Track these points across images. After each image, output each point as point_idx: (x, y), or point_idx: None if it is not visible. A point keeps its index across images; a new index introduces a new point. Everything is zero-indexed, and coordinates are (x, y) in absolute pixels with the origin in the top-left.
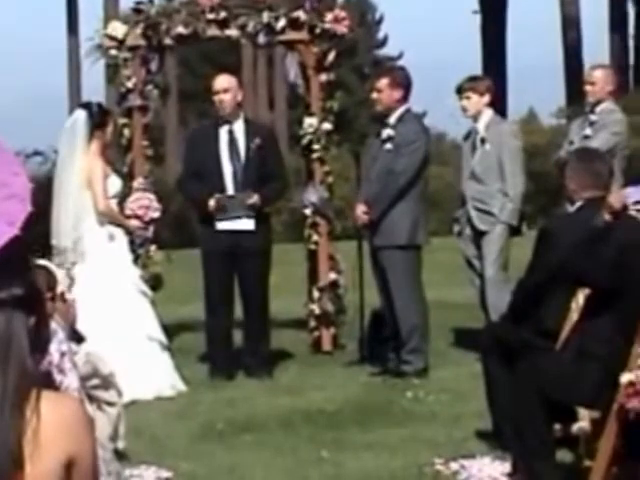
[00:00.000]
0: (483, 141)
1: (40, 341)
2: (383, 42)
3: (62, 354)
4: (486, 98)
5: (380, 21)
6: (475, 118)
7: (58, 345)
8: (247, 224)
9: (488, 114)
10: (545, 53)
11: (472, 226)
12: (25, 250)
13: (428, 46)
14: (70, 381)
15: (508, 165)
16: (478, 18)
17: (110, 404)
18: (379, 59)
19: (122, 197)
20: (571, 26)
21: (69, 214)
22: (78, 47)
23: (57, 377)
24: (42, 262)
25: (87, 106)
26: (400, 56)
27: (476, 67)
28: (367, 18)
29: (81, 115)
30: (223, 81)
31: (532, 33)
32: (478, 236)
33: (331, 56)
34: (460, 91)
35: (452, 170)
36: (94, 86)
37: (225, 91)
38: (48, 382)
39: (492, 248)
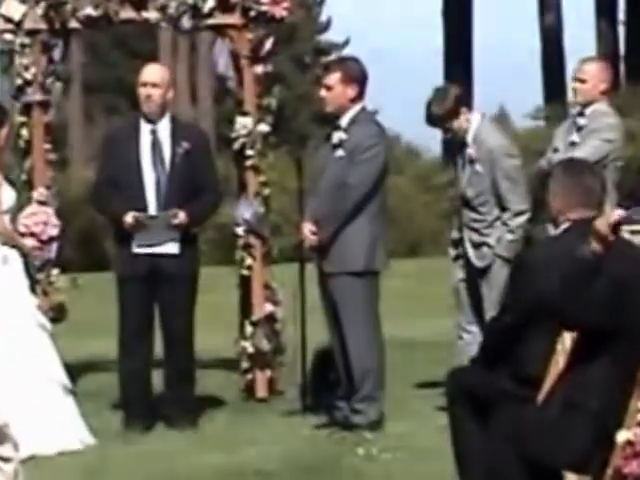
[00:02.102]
0: (472, 161)
1: None
2: (326, 26)
3: None
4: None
5: (322, 1)
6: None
7: None
8: (171, 247)
9: (475, 121)
10: (519, 40)
11: (468, 261)
12: None
13: (379, 31)
14: None
15: (504, 190)
16: None
17: (5, 460)
18: (321, 46)
19: (16, 211)
20: (550, 8)
21: None
22: None
23: None
24: None
25: None
26: (346, 43)
27: (435, 55)
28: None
29: None
30: (154, 73)
31: (503, 16)
32: (476, 271)
33: (268, 44)
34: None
35: (408, 180)
36: None
37: (155, 86)
38: None
39: (491, 290)
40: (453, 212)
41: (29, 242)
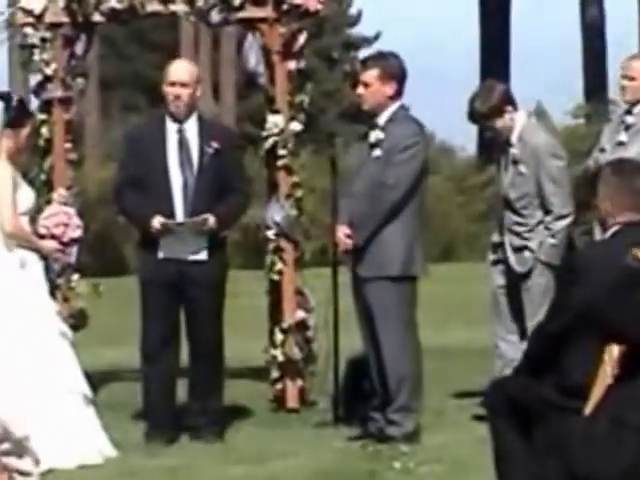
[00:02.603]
0: (516, 161)
1: None
2: (356, 19)
3: None
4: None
5: None
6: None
7: None
8: (198, 252)
9: (520, 120)
10: (558, 35)
11: (508, 266)
12: None
13: (412, 25)
14: None
15: (548, 193)
16: None
17: (25, 474)
18: (351, 41)
19: (35, 213)
20: (591, 2)
21: None
22: None
23: None
24: None
25: (5, 97)
26: (377, 37)
27: (472, 50)
28: None
29: None
30: (183, 72)
31: (542, 10)
32: (516, 277)
33: (301, 39)
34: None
35: (442, 179)
36: None
37: (184, 85)
38: None
39: (533, 296)
40: (493, 214)
41: (50, 244)
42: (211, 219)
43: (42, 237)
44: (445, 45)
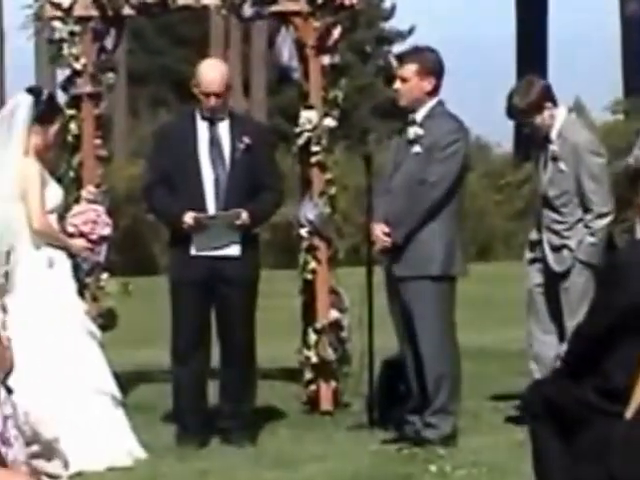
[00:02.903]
0: (555, 158)
1: None
2: (390, 13)
3: (5, 418)
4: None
5: None
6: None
7: (0, 407)
8: (231, 248)
9: (560, 117)
10: (597, 28)
11: (546, 265)
12: None
13: (446, 18)
14: (16, 453)
15: (588, 190)
16: None
17: (54, 477)
18: (385, 35)
19: (64, 211)
20: None
21: None
22: (0, 14)
23: (1, 448)
24: None
25: (34, 92)
26: (411, 31)
27: (508, 44)
28: None
29: (24, 101)
30: (217, 81)
31: (581, 3)
32: (555, 276)
33: (336, 33)
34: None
35: (477, 177)
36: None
37: (218, 96)
38: None
39: (571, 296)
40: (532, 212)
41: (78, 242)
42: (244, 213)
43: (71, 235)
44: (480, 38)
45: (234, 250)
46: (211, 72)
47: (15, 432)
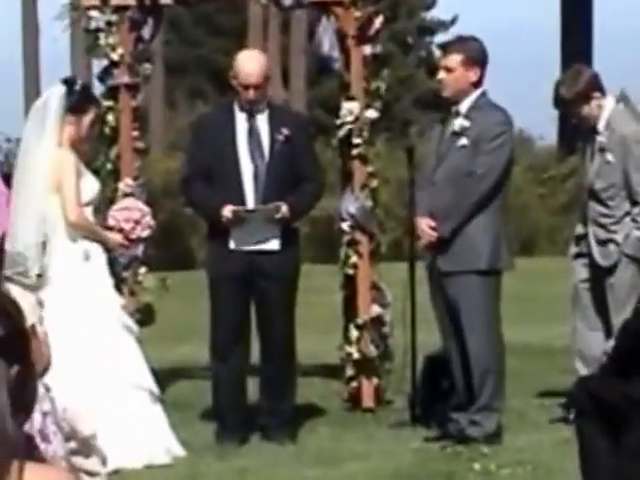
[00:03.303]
0: (603, 150)
1: (25, 397)
2: (432, 3)
3: (44, 414)
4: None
5: None
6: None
7: (39, 403)
8: (271, 242)
9: (608, 107)
10: None
11: (592, 259)
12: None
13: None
14: (55, 448)
15: (636, 183)
16: None
17: (92, 474)
18: (426, 25)
19: (100, 203)
20: None
21: (29, 219)
22: (35, 4)
23: (41, 444)
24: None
25: (69, 82)
26: (454, 21)
27: (552, 35)
28: None
29: (57, 92)
30: (256, 73)
31: None
32: (601, 271)
33: (378, 22)
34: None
35: (520, 170)
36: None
37: (257, 87)
38: (30, 450)
39: (618, 291)
40: (577, 206)
41: (115, 237)
42: (284, 207)
43: (110, 228)
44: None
45: (273, 244)
46: (249, 64)
47: (54, 428)
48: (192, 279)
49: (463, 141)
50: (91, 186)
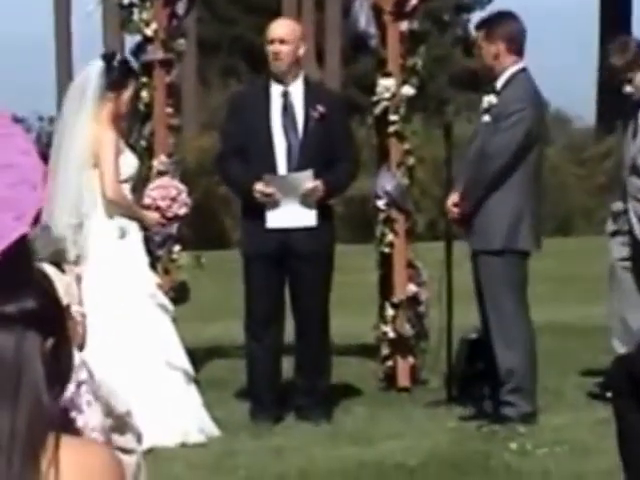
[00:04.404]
0: None
1: (60, 370)
2: None
3: (79, 383)
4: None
5: None
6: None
7: (75, 373)
8: (307, 218)
9: None
10: None
11: (632, 236)
12: (33, 252)
13: None
14: (87, 419)
15: None
16: None
17: (127, 452)
18: (463, 2)
19: (138, 180)
20: None
21: (67, 197)
22: None
23: (71, 414)
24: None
25: (107, 58)
26: None
27: (590, 14)
28: None
29: (96, 68)
30: (281, 28)
31: None
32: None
33: None
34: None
35: (557, 150)
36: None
37: (282, 42)
38: (65, 422)
39: None
40: (615, 183)
41: (152, 215)
42: (317, 182)
43: (147, 208)
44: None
45: (310, 220)
46: (278, 22)
47: (89, 397)
48: (226, 258)
49: (486, 118)
50: (130, 163)
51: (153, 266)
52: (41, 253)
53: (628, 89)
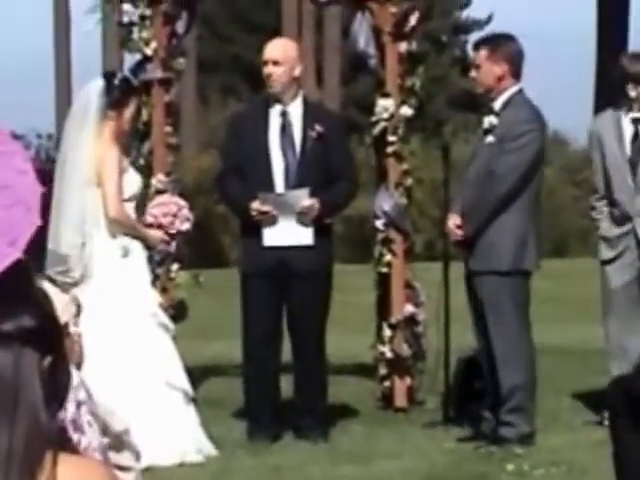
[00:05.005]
0: None
1: (58, 388)
2: (466, 1)
3: (78, 404)
4: None
5: None
6: None
7: (73, 393)
8: (304, 236)
9: None
10: None
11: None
12: (32, 271)
13: (524, 8)
14: (90, 439)
15: None
16: None
17: (124, 469)
18: (461, 24)
19: (141, 199)
20: None
21: (70, 216)
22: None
23: (73, 435)
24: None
25: (108, 76)
26: (489, 20)
27: (588, 37)
28: None
29: (96, 87)
30: (275, 49)
31: None
32: None
33: (413, 19)
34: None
35: (554, 171)
36: (89, 51)
37: (276, 63)
38: (63, 440)
39: None
40: (609, 205)
41: (156, 234)
42: (314, 201)
43: (149, 226)
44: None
45: (307, 239)
46: (272, 42)
47: (89, 418)
48: (224, 277)
49: (490, 139)
50: (133, 181)
51: (152, 284)
52: (47, 272)
53: (632, 93)
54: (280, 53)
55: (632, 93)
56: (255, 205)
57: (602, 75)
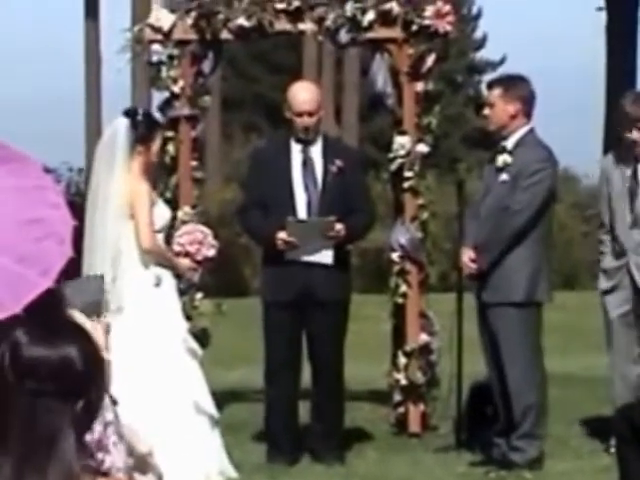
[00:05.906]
0: None
1: (90, 424)
2: (481, 43)
3: (106, 424)
4: None
5: (478, 16)
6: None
7: (101, 413)
8: (324, 255)
9: None
10: None
11: (634, 283)
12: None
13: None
14: (114, 460)
15: None
16: (603, 16)
17: None
18: (475, 64)
19: (170, 230)
20: None
21: (106, 249)
22: (98, 37)
23: (97, 454)
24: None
25: (130, 114)
26: (502, 61)
27: (597, 76)
28: (461, 13)
29: (122, 124)
30: (309, 102)
31: None
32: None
33: (430, 60)
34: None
35: (565, 207)
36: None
37: (311, 115)
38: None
39: None
40: (606, 239)
41: (185, 262)
42: (338, 225)
43: (177, 254)
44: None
45: (327, 258)
46: (303, 92)
47: (115, 439)
48: (245, 306)
49: (504, 176)
50: (162, 214)
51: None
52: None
53: (635, 135)
54: (314, 105)
55: (635, 136)
56: (281, 235)
57: (611, 114)
